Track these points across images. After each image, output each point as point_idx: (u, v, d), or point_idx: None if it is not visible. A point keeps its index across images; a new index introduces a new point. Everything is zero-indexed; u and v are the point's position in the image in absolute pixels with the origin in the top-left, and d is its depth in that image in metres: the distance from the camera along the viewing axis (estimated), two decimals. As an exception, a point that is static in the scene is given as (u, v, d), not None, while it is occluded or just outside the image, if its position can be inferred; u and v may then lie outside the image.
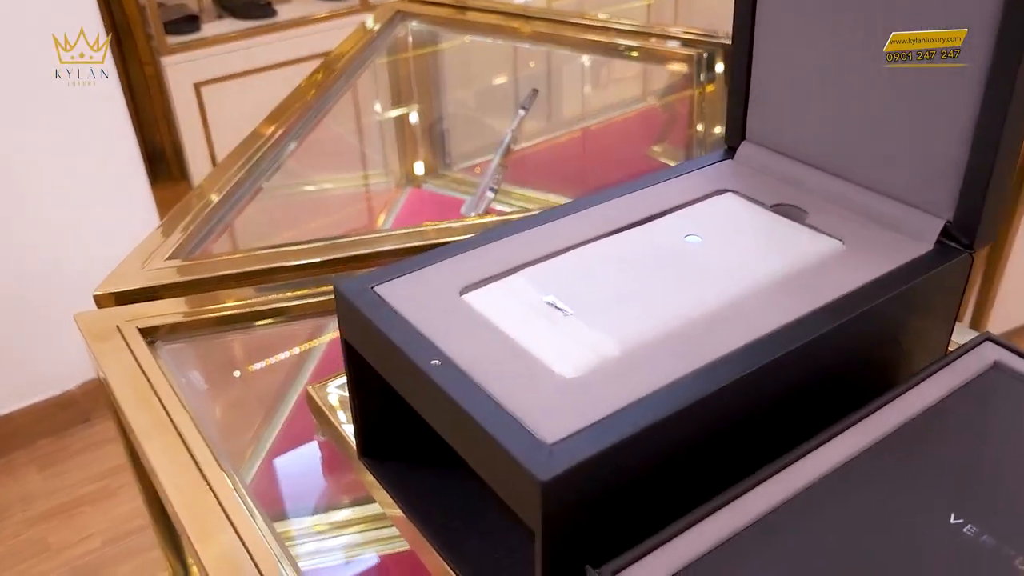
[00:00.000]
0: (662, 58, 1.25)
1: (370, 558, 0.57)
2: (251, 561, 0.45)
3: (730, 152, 0.53)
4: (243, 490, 0.50)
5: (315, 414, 0.54)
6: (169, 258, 0.74)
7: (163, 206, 1.89)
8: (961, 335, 0.49)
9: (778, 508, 0.34)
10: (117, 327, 0.65)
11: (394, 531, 0.53)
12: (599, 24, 1.22)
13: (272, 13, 2.39)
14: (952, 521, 0.33)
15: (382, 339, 0.38)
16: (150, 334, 0.66)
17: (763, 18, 0.49)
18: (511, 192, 1.20)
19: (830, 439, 0.37)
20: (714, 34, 1.18)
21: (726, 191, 0.49)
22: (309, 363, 0.82)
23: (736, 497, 0.34)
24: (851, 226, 0.45)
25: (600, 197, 0.48)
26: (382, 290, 0.40)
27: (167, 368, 0.61)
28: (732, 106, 0.52)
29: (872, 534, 0.33)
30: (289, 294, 0.71)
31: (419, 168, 1.38)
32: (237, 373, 0.78)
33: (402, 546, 0.54)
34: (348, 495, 0.57)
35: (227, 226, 0.83)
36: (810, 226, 0.46)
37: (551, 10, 1.34)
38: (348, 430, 0.50)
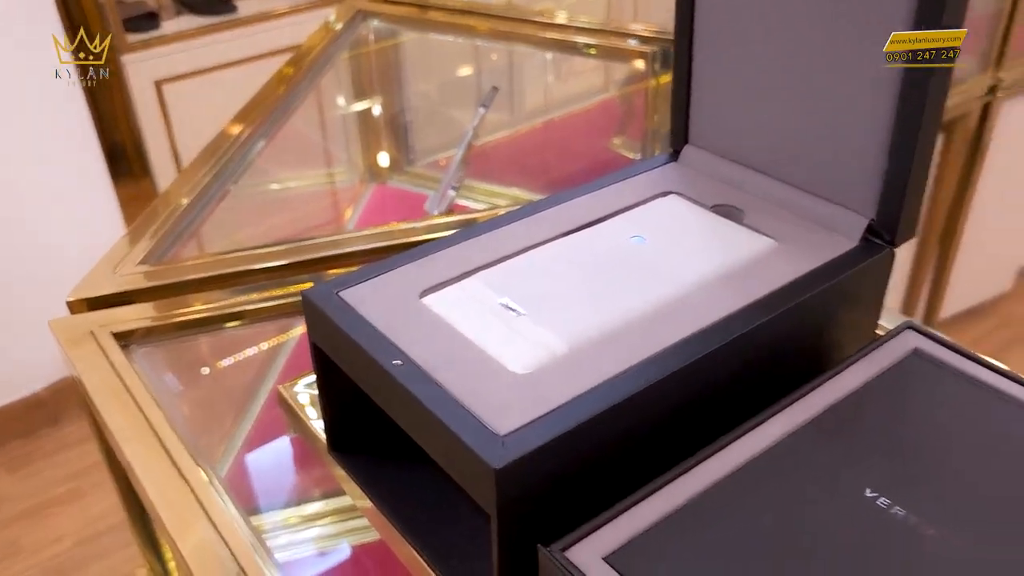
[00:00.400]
0: (620, 55, 1.28)
1: (342, 548, 0.59)
2: (228, 552, 0.48)
3: (674, 155, 0.56)
4: (218, 485, 0.53)
5: (286, 412, 0.56)
6: (140, 263, 0.76)
7: (125, 204, 1.89)
8: (893, 322, 0.53)
9: (714, 487, 0.37)
10: (91, 332, 0.67)
11: (365, 522, 0.56)
12: (558, 22, 1.25)
13: (232, 9, 2.38)
14: (867, 494, 0.37)
15: (348, 342, 0.41)
16: (124, 338, 0.68)
17: (701, 26, 0.52)
18: (475, 187, 1.22)
19: (762, 422, 0.40)
20: (670, 32, 1.21)
21: (670, 193, 0.52)
22: (278, 362, 0.84)
23: (675, 478, 0.38)
24: (784, 225, 0.48)
25: (551, 201, 0.51)
26: (346, 295, 0.43)
27: (141, 371, 0.63)
28: (675, 111, 0.55)
29: (797, 508, 0.36)
30: (257, 296, 0.74)
31: (384, 165, 1.41)
32: (206, 370, 0.80)
33: (372, 536, 0.57)
34: (319, 489, 0.60)
35: (196, 230, 0.85)
36: (747, 226, 0.49)
37: (512, 8, 1.36)
38: (318, 426, 0.53)
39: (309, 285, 0.45)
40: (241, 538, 0.49)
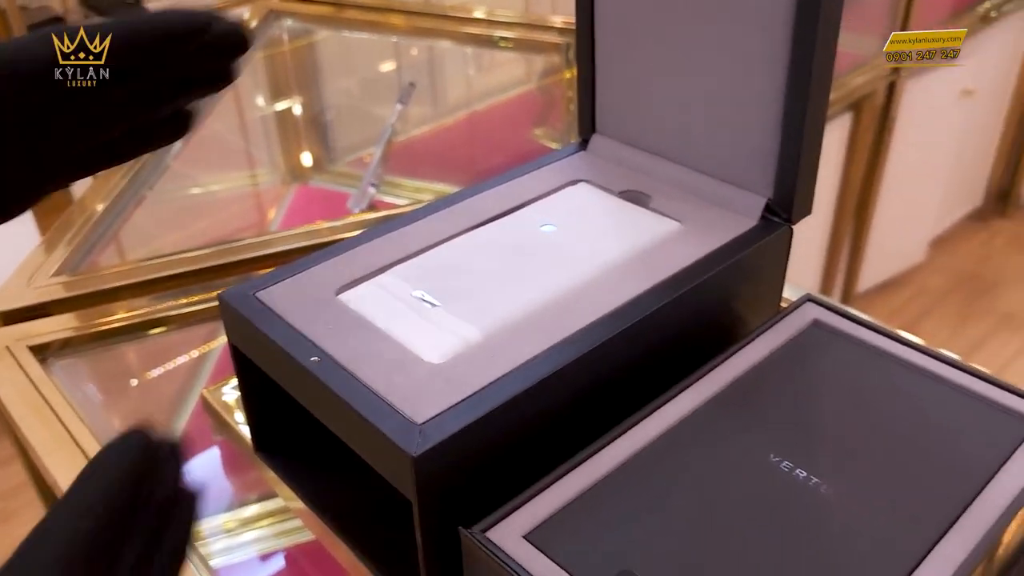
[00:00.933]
0: (539, 47, 1.30)
1: (279, 551, 0.60)
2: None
3: (583, 144, 0.57)
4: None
5: (211, 416, 0.56)
6: (55, 274, 0.75)
7: (39, 213, 1.83)
8: (796, 295, 0.56)
9: (628, 462, 0.39)
10: (7, 348, 0.66)
11: (296, 523, 0.57)
12: (476, 17, 1.26)
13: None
14: (771, 459, 0.39)
15: (266, 341, 0.41)
16: (41, 351, 0.67)
17: (601, 18, 0.53)
18: (398, 183, 1.22)
19: (672, 398, 0.42)
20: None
21: (579, 181, 0.54)
22: (205, 367, 0.84)
23: (591, 456, 0.39)
24: (688, 208, 0.50)
25: (463, 194, 0.52)
26: (263, 296, 0.44)
27: (61, 384, 0.62)
28: (581, 101, 0.57)
29: (707, 477, 0.38)
30: (180, 301, 0.73)
31: (305, 164, 1.40)
32: (134, 382, 0.79)
33: (308, 536, 0.57)
34: (252, 492, 0.60)
35: (114, 237, 0.83)
36: (653, 210, 0.51)
37: (428, 4, 1.37)
38: (244, 429, 0.53)
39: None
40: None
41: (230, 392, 0.58)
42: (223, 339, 0.80)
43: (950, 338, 2.20)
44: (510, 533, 0.36)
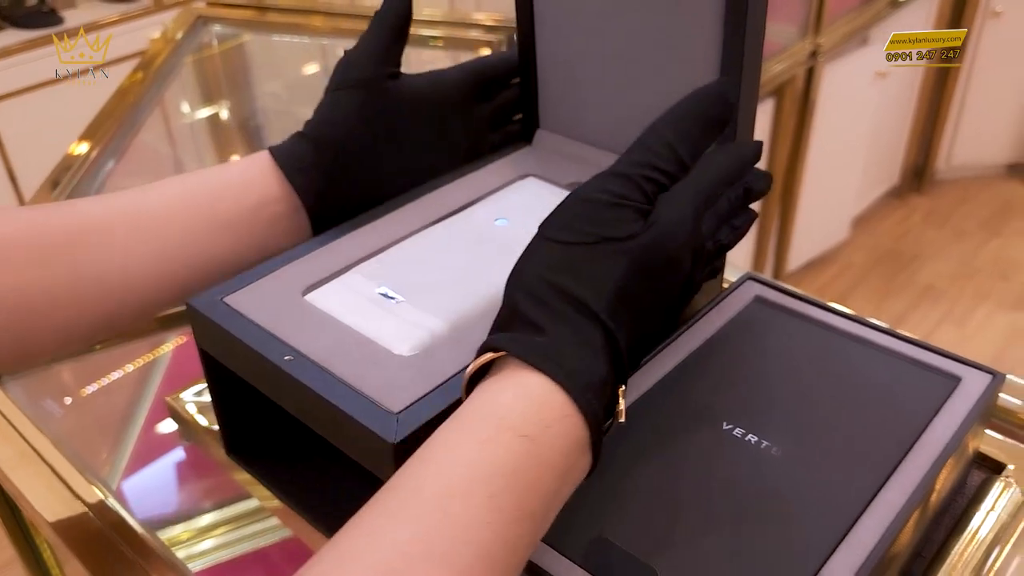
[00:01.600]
0: (468, 44, 1.31)
1: (252, 551, 0.61)
2: (144, 570, 0.49)
3: (528, 139, 0.60)
4: (119, 504, 0.53)
5: (178, 422, 0.57)
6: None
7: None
8: (736, 275, 0.59)
9: (592, 438, 0.41)
10: (-43, 368, 0.65)
11: (271, 522, 0.58)
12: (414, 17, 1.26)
13: (58, 20, 2.28)
14: (724, 427, 0.42)
15: (238, 345, 0.42)
16: (-11, 373, 0.66)
17: (540, 14, 0.55)
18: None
19: (632, 375, 0.45)
20: (513, 20, 1.26)
21: (527, 175, 0.56)
22: (154, 379, 0.83)
23: (557, 434, 0.41)
24: (632, 196, 0.53)
25: (417, 192, 0.53)
26: (231, 300, 0.45)
27: (17, 400, 0.62)
28: (524, 98, 0.59)
29: (669, 446, 0.41)
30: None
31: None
32: (68, 399, 0.79)
33: (281, 535, 0.58)
34: (225, 494, 0.60)
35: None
36: (599, 199, 0.53)
37: (353, 6, 1.37)
38: (211, 433, 0.54)
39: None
40: (155, 554, 0.50)
41: (191, 399, 0.59)
42: (167, 349, 0.81)
43: (875, 311, 2.29)
44: (488, 511, 0.38)
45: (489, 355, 0.35)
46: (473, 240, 0.49)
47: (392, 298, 0.45)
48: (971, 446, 0.46)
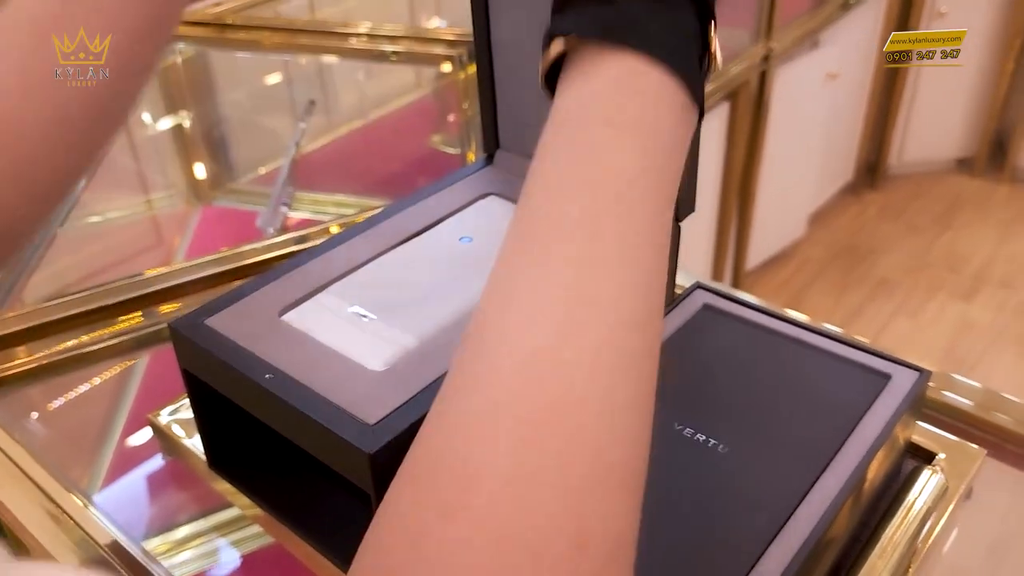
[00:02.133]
0: (429, 58, 1.35)
1: (234, 560, 0.63)
2: (126, 577, 0.51)
3: (489, 159, 0.63)
4: (104, 517, 0.55)
5: (160, 438, 0.59)
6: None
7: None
8: (688, 281, 0.63)
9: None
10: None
11: (251, 531, 0.60)
12: (364, 32, 1.29)
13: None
14: (675, 428, 0.45)
15: (220, 364, 0.45)
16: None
17: (497, 40, 0.58)
18: (303, 198, 1.25)
19: (587, 383, 0.48)
20: (471, 34, 1.29)
21: (488, 195, 0.59)
22: (126, 399, 0.85)
23: (522, 439, 0.45)
24: (588, 212, 0.56)
25: (384, 214, 0.56)
26: (212, 322, 0.47)
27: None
28: (484, 120, 0.62)
29: (622, 448, 0.44)
30: (100, 334, 0.75)
31: (208, 185, 1.41)
32: (34, 416, 0.80)
33: (261, 543, 0.61)
34: (206, 504, 0.63)
35: (30, 277, 0.84)
36: (557, 216, 0.57)
37: (314, 21, 1.39)
38: (193, 448, 0.57)
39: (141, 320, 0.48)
40: (140, 566, 0.52)
41: (168, 417, 0.61)
42: (140, 370, 0.83)
43: (834, 305, 2.36)
44: (459, 512, 0.41)
45: (559, 45, 0.31)
46: (439, 258, 0.52)
47: (365, 316, 0.48)
48: (902, 437, 0.50)
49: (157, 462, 0.67)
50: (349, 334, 0.46)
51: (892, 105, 2.69)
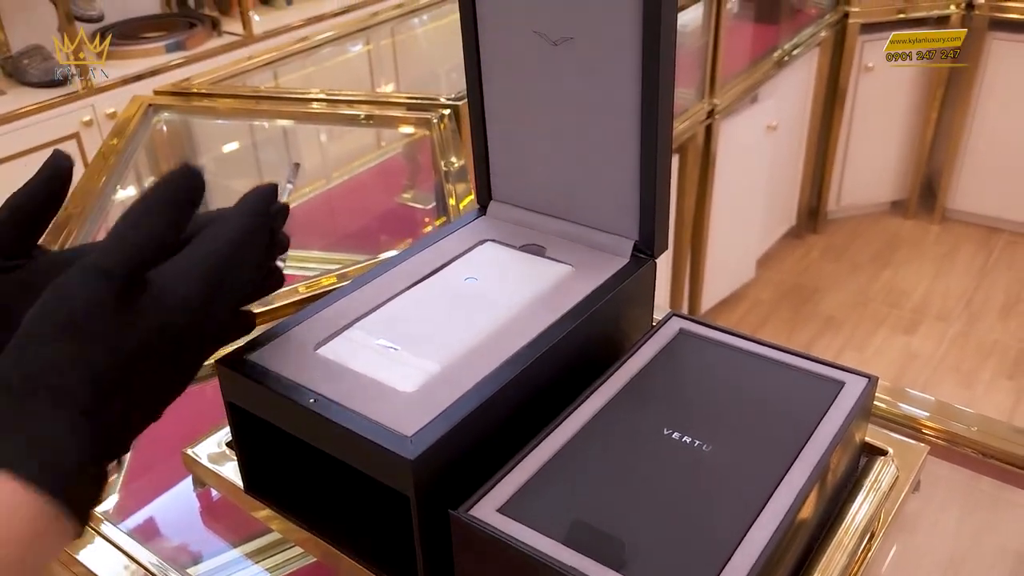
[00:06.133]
0: (396, 121, 1.43)
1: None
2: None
3: (483, 210, 0.70)
4: (150, 551, 0.60)
5: (192, 470, 0.64)
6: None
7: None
8: (662, 313, 0.70)
9: (564, 447, 0.52)
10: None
11: (289, 554, 0.65)
12: (338, 98, 1.38)
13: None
14: (665, 433, 0.53)
15: (266, 393, 0.51)
16: None
17: (489, 99, 0.66)
18: (296, 256, 1.32)
19: (588, 397, 0.55)
20: (435, 98, 1.39)
21: (486, 240, 0.67)
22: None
23: (537, 445, 0.51)
24: (576, 254, 0.64)
25: (396, 260, 0.63)
26: (254, 357, 0.54)
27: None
28: (478, 174, 0.70)
29: (622, 450, 0.51)
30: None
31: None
32: None
33: (308, 560, 0.65)
34: (244, 531, 0.68)
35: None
36: (549, 258, 0.64)
37: (292, 90, 1.47)
38: (229, 479, 0.62)
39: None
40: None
41: (201, 450, 0.67)
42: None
43: (785, 342, 2.45)
44: (487, 509, 0.48)
45: None
46: (450, 296, 0.60)
47: (391, 347, 0.54)
48: (857, 436, 0.58)
49: (189, 491, 0.71)
50: (379, 362, 0.53)
51: (828, 153, 2.85)
